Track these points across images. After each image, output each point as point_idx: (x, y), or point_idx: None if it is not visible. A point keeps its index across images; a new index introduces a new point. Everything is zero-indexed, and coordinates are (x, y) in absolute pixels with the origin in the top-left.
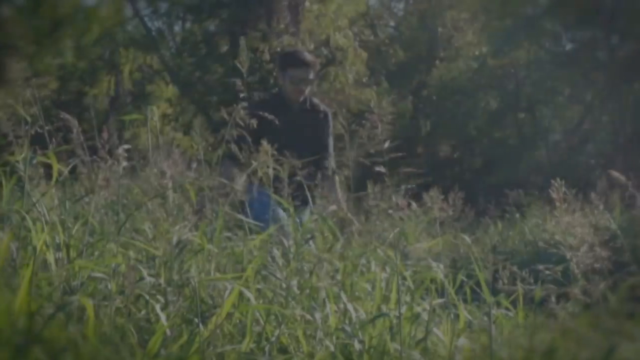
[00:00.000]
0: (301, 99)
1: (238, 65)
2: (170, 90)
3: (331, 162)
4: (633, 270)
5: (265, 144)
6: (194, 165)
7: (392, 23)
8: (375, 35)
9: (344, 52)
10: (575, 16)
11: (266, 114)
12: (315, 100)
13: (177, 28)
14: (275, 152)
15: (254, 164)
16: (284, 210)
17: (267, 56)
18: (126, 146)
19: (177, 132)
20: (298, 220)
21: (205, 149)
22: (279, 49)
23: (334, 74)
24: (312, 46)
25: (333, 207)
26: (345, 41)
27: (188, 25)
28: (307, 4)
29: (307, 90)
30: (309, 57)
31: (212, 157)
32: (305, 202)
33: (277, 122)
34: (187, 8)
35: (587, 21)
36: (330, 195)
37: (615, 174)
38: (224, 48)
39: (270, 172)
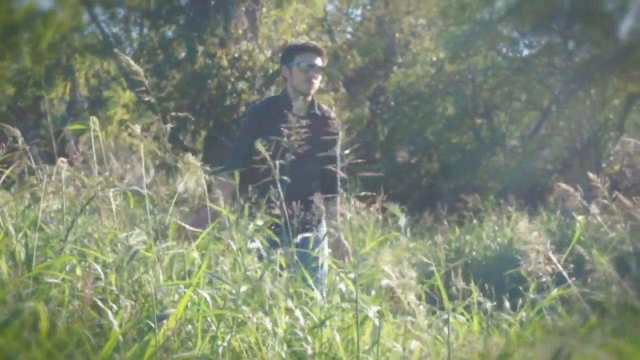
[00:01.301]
0: (312, 91)
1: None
2: (127, 96)
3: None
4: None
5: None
6: (152, 171)
7: (349, 29)
8: (333, 41)
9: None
10: (532, 22)
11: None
12: (324, 106)
13: (134, 34)
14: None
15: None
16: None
17: (224, 62)
18: (64, 159)
19: (134, 137)
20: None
21: (163, 155)
22: (236, 55)
23: None
24: (269, 52)
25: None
26: None
27: (145, 31)
28: (264, 10)
29: (317, 82)
30: (314, 43)
31: (171, 162)
32: (314, 224)
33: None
34: (144, 14)
35: (544, 27)
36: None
37: (564, 186)
38: (182, 54)
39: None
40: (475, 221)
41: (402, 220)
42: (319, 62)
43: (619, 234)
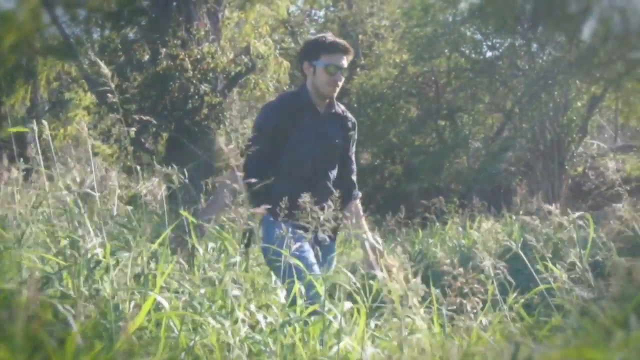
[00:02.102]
0: (335, 94)
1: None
2: (88, 98)
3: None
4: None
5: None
6: (113, 173)
7: (312, 30)
8: (296, 42)
9: (265, 59)
10: (495, 24)
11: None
12: (342, 107)
13: (95, 35)
14: (296, 166)
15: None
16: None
17: (188, 64)
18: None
19: (96, 140)
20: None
21: (125, 157)
22: (199, 56)
23: (255, 81)
24: (231, 54)
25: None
26: (265, 49)
27: (107, 32)
28: (226, 11)
29: (341, 84)
30: (343, 41)
31: (133, 165)
32: (333, 232)
33: (304, 127)
34: (105, 15)
35: (507, 29)
36: (360, 225)
37: (522, 191)
38: (145, 56)
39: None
40: (438, 223)
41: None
42: (345, 62)
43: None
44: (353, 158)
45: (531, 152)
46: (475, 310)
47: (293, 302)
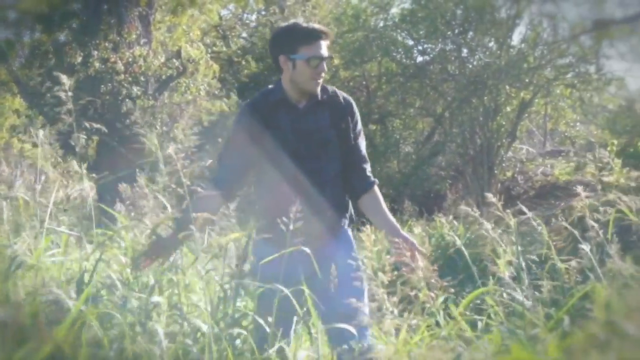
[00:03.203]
0: (319, 88)
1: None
2: (18, 102)
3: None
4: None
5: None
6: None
7: (244, 34)
8: (228, 46)
9: (196, 63)
10: (426, 29)
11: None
12: (331, 88)
13: (26, 38)
14: (278, 172)
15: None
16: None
17: (120, 66)
18: None
19: (25, 143)
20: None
21: (55, 161)
22: (130, 59)
23: (185, 85)
24: (163, 57)
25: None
26: (197, 52)
27: (38, 35)
28: (158, 15)
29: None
30: (319, 25)
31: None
32: (334, 236)
33: (280, 126)
34: (36, 18)
35: (438, 34)
36: (387, 222)
37: (452, 195)
38: (78, 58)
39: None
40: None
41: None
42: (326, 50)
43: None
44: (360, 144)
45: (461, 156)
46: (396, 311)
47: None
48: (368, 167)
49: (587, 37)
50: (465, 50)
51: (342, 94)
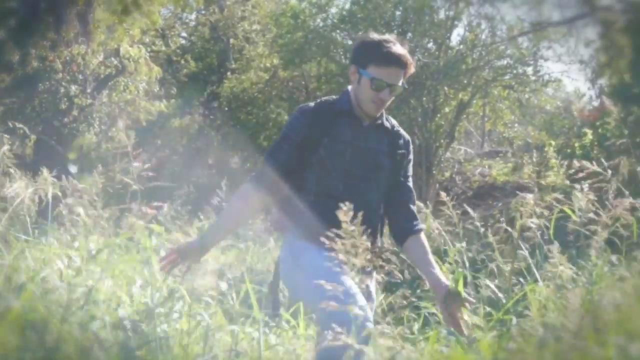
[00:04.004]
0: (378, 114)
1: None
2: None
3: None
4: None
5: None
6: None
7: (184, 33)
8: (167, 45)
9: (135, 62)
10: (365, 29)
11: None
12: (393, 121)
13: None
14: (324, 183)
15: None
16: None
17: (59, 65)
18: None
19: None
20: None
21: None
22: (68, 58)
23: (124, 84)
24: (101, 56)
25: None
26: (136, 51)
27: None
28: (97, 14)
29: (388, 103)
30: (403, 51)
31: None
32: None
33: (339, 138)
34: None
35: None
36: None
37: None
38: (13, 56)
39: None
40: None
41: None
42: (399, 79)
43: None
44: (410, 183)
45: None
46: None
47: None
48: (414, 210)
49: (525, 38)
50: None
51: (402, 130)
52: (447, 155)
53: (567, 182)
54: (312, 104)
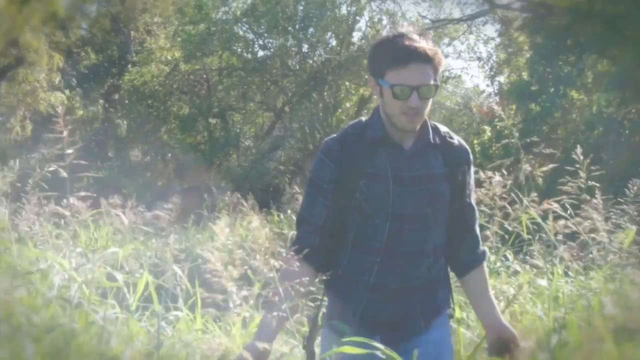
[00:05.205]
0: (417, 126)
1: None
2: None
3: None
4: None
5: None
6: None
7: (84, 25)
8: (67, 37)
9: (35, 53)
10: (267, 24)
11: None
12: (443, 128)
13: None
14: (364, 236)
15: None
16: None
17: None
18: None
19: None
20: None
21: None
22: None
23: (24, 75)
24: None
25: None
26: (36, 42)
27: None
28: None
29: (427, 110)
30: (422, 43)
31: None
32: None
33: (378, 175)
34: None
35: (279, 29)
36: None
37: (291, 190)
38: None
39: None
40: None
41: (124, 220)
42: (428, 77)
43: None
44: (473, 203)
45: (300, 151)
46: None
47: None
48: (478, 233)
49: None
50: (305, 46)
51: (457, 137)
52: None
53: None
54: (337, 137)
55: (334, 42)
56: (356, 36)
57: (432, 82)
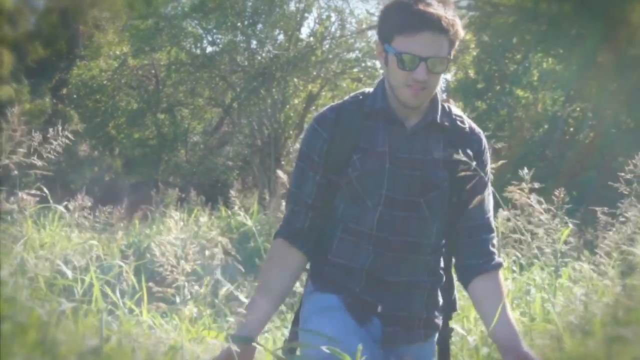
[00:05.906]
0: (423, 102)
1: None
2: None
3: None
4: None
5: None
6: None
7: (32, 19)
8: (15, 30)
9: None
10: (216, 20)
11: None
12: (456, 110)
13: None
14: (353, 216)
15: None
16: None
17: None
18: None
19: None
20: None
21: None
22: None
23: None
24: None
25: None
26: None
27: None
28: None
29: (437, 85)
30: (440, 10)
31: None
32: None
33: (373, 151)
34: None
35: (228, 25)
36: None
37: (239, 186)
38: None
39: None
40: (158, 215)
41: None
42: (441, 49)
43: None
44: (486, 200)
45: (249, 147)
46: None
47: None
48: (493, 238)
49: (374, 32)
50: (254, 42)
51: (470, 123)
52: (295, 146)
53: None
54: (334, 106)
55: (282, 39)
56: (304, 33)
57: (444, 54)
